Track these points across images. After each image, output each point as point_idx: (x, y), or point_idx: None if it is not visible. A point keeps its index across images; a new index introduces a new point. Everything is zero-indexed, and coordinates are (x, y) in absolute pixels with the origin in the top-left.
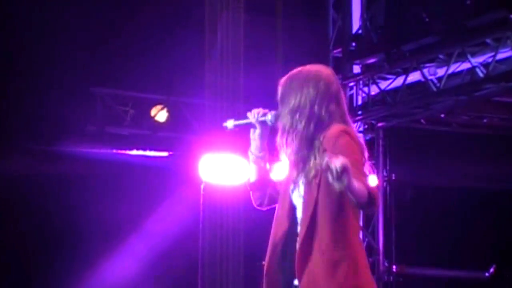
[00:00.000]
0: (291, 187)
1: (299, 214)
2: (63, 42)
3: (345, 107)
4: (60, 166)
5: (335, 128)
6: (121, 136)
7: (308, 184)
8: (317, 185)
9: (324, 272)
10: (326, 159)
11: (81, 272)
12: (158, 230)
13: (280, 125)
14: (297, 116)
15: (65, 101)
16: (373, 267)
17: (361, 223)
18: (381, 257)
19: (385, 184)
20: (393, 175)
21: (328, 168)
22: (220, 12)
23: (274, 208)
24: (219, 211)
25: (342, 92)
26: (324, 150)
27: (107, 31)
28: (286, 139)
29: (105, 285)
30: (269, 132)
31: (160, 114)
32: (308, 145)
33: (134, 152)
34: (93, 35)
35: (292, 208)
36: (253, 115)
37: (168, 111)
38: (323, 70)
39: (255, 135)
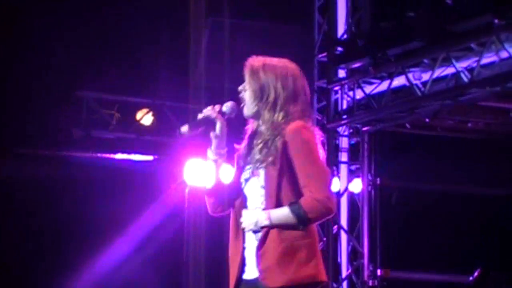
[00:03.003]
0: (245, 176)
1: (250, 204)
2: (49, 47)
3: (309, 99)
4: (45, 170)
5: (297, 123)
6: (107, 140)
7: (268, 172)
8: (278, 171)
9: (280, 260)
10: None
11: (66, 273)
12: (144, 234)
13: (249, 106)
14: (269, 106)
15: (51, 105)
16: (358, 271)
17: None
18: (365, 261)
19: (370, 188)
20: (378, 179)
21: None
22: (205, 17)
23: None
24: (204, 214)
25: (307, 86)
26: (285, 142)
27: (93, 35)
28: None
29: (91, 286)
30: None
31: (146, 118)
32: (273, 132)
33: (120, 156)
34: (78, 39)
35: (243, 200)
36: (210, 110)
37: (153, 114)
38: (292, 66)
39: (217, 131)
